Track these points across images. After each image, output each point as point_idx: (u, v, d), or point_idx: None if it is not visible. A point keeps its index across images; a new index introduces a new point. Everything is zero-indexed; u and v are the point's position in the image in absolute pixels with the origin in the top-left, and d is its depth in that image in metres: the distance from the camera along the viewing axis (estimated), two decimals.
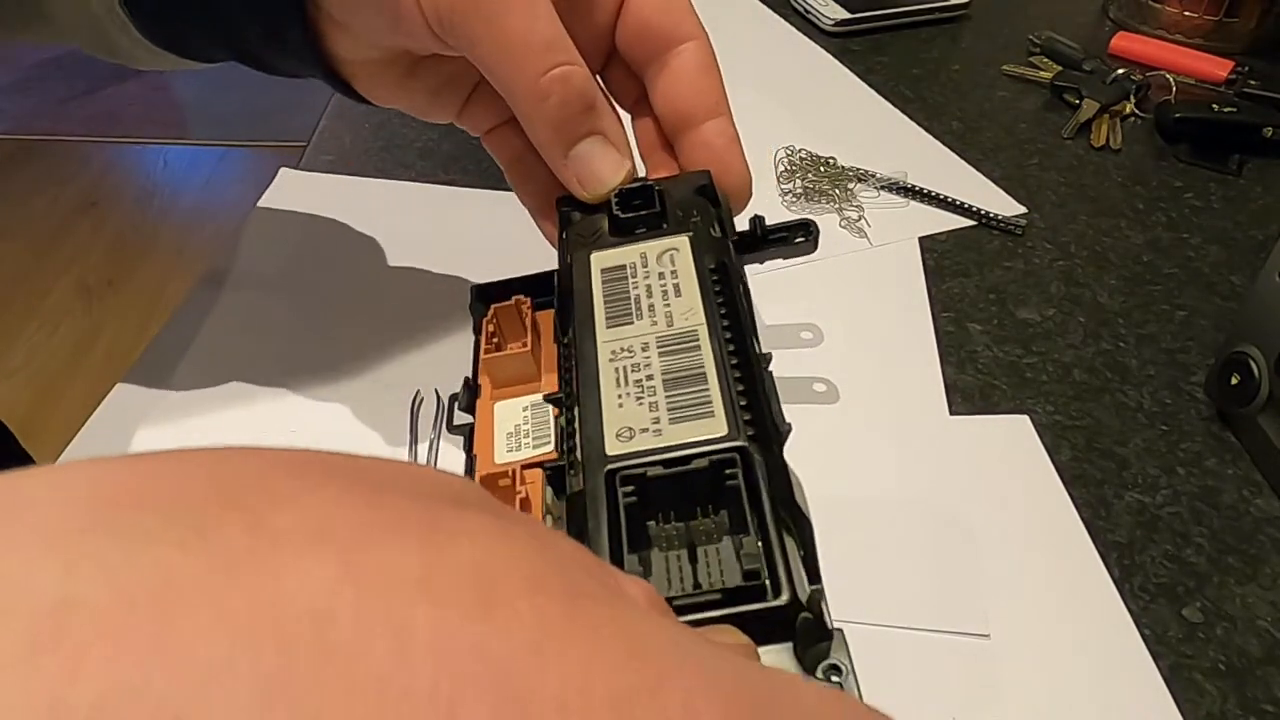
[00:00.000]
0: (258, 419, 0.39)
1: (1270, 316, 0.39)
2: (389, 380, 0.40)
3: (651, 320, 0.25)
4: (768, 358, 0.25)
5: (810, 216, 0.35)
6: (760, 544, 0.20)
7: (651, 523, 0.21)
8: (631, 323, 0.25)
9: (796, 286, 0.46)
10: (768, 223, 0.33)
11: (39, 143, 2.14)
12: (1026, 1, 0.76)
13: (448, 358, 0.41)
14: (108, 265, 1.84)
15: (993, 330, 0.45)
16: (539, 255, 0.47)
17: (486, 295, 0.35)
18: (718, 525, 0.21)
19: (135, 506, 0.11)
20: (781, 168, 0.54)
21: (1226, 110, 0.58)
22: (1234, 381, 0.40)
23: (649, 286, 0.26)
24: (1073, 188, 0.55)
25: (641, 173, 0.33)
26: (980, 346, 0.45)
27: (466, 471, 0.31)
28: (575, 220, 0.30)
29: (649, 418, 0.23)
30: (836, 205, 0.52)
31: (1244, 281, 0.49)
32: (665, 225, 0.29)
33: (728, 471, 0.21)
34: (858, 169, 0.54)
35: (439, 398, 0.39)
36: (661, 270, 0.27)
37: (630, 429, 0.22)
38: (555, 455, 0.28)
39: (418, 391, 0.39)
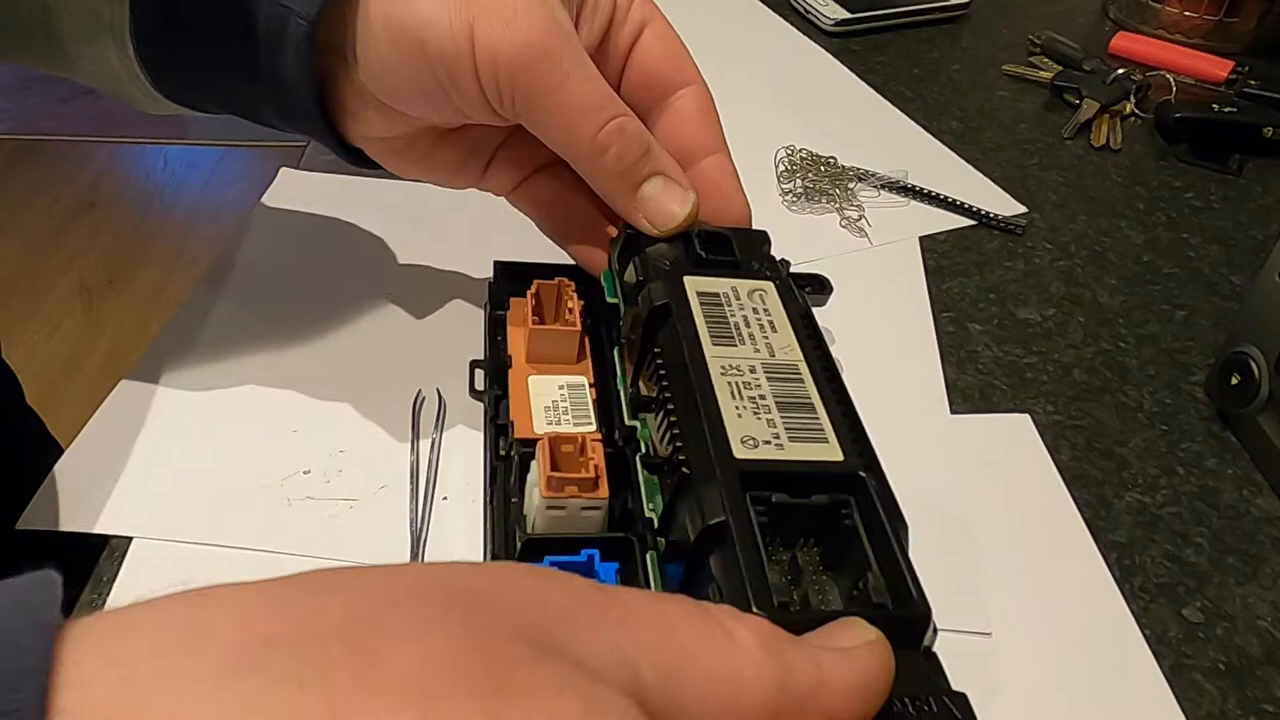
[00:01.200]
0: (258, 419, 0.39)
1: (1270, 316, 0.39)
2: (390, 380, 0.40)
3: (754, 348, 0.27)
4: None
5: (824, 274, 0.39)
6: (888, 568, 0.22)
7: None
8: (735, 345, 0.27)
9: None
10: (791, 270, 0.36)
11: (39, 143, 2.14)
12: (1026, 1, 0.76)
13: (449, 357, 0.41)
14: (108, 265, 1.84)
15: (993, 330, 0.46)
16: (538, 255, 0.47)
17: (512, 273, 0.36)
18: (823, 557, 0.23)
19: (273, 646, 0.14)
20: (782, 168, 0.54)
21: (1226, 110, 0.58)
22: (1234, 381, 0.40)
23: (745, 317, 0.28)
24: (1073, 188, 0.55)
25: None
26: (980, 346, 0.45)
27: (495, 437, 0.32)
28: (648, 246, 0.32)
29: (769, 432, 0.24)
30: (837, 205, 0.52)
31: (1244, 281, 0.49)
32: (741, 269, 0.31)
33: (843, 512, 0.23)
34: (858, 169, 0.54)
35: (440, 397, 0.39)
36: (755, 306, 0.29)
37: (753, 438, 0.24)
38: (599, 435, 0.30)
39: (419, 390, 0.39)
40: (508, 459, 0.31)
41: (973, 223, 0.52)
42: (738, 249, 0.32)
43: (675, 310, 0.28)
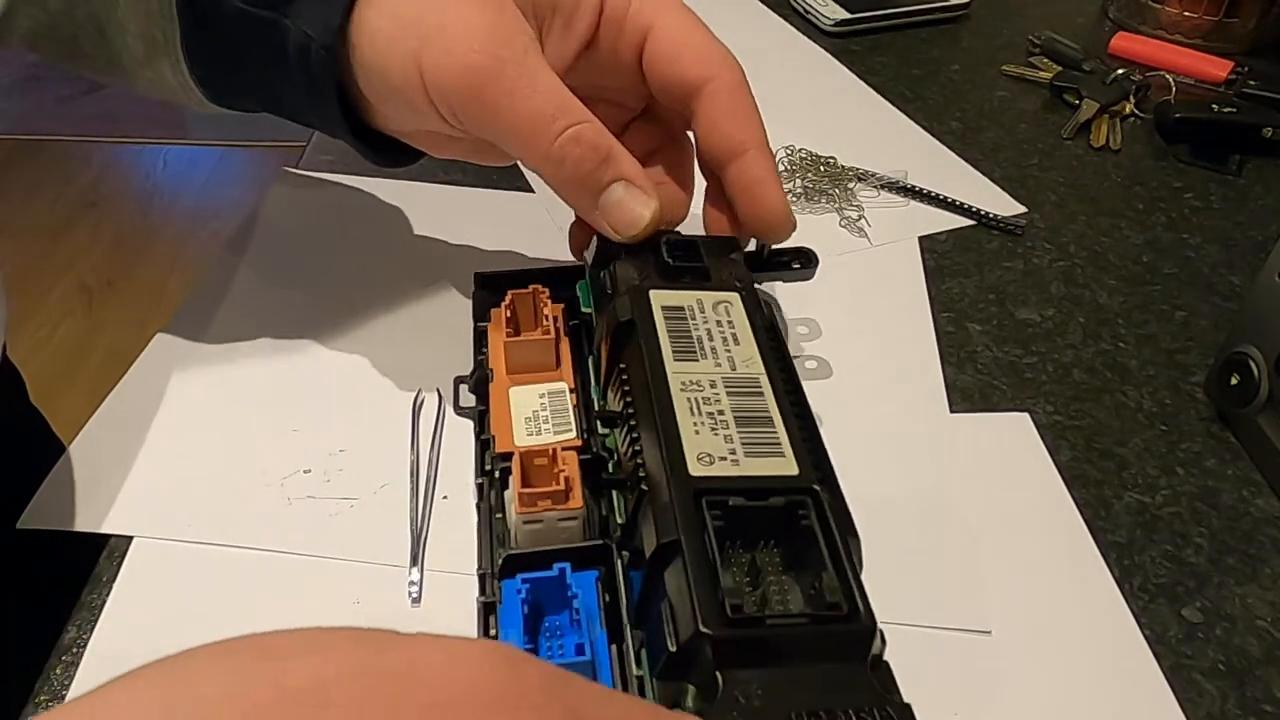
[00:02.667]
0: (258, 418, 0.39)
1: (1270, 316, 0.39)
2: (389, 380, 0.40)
3: (715, 362, 0.27)
4: None
5: (809, 247, 0.38)
6: (837, 578, 0.22)
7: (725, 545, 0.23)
8: (697, 360, 0.27)
9: (797, 286, 0.46)
10: (773, 247, 0.36)
11: (39, 143, 2.14)
12: (1026, 1, 0.76)
13: (448, 357, 0.41)
14: (108, 265, 1.84)
15: (993, 330, 0.46)
16: (538, 255, 0.47)
17: (491, 284, 0.36)
18: (782, 558, 0.24)
19: None
20: (782, 167, 0.54)
21: (1226, 110, 0.58)
22: (1234, 381, 0.40)
23: (709, 330, 0.28)
24: (1073, 188, 0.55)
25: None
26: (980, 346, 0.45)
27: (481, 452, 0.32)
28: (619, 259, 0.32)
29: (725, 448, 0.25)
30: (836, 205, 0.52)
31: (1244, 281, 0.49)
32: (709, 280, 0.31)
33: (800, 512, 0.23)
34: (858, 169, 0.54)
35: (440, 397, 0.39)
36: (719, 318, 0.29)
37: (709, 454, 0.24)
38: (579, 442, 0.30)
39: (419, 390, 0.39)
40: (490, 474, 0.32)
41: (972, 223, 0.52)
42: (705, 256, 0.32)
43: (640, 326, 0.28)
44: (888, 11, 0.70)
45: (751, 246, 0.36)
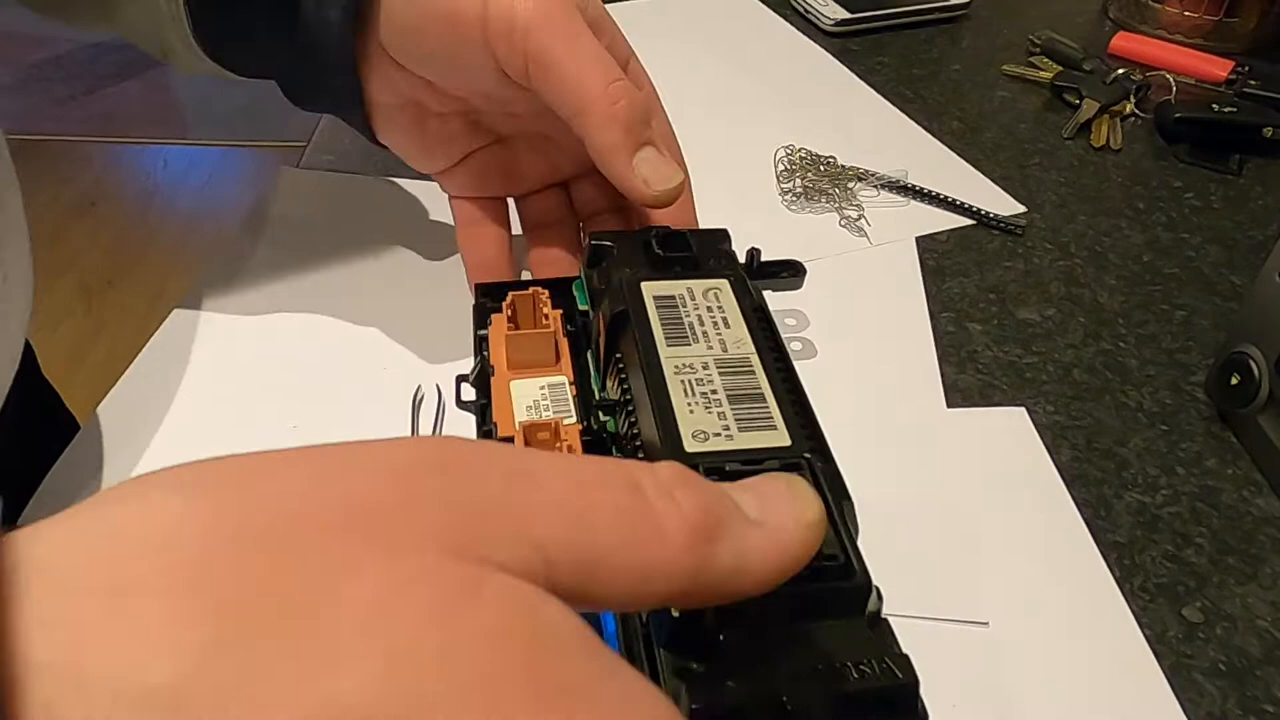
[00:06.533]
0: (258, 417, 0.39)
1: (1270, 316, 0.39)
2: (389, 378, 0.40)
3: (707, 345, 0.28)
4: None
5: (797, 259, 0.39)
6: (833, 537, 0.22)
7: None
8: (689, 344, 0.28)
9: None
10: (763, 258, 0.37)
11: (39, 143, 2.14)
12: (1026, 1, 0.76)
13: (447, 355, 0.41)
14: (108, 265, 1.84)
15: (993, 330, 0.45)
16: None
17: (492, 293, 0.37)
18: None
19: (209, 598, 0.14)
20: (781, 167, 0.54)
21: (1226, 110, 0.58)
22: (1234, 381, 0.40)
23: (699, 316, 0.29)
24: (1073, 188, 0.55)
25: None
26: (980, 346, 0.45)
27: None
28: (611, 256, 0.33)
29: (719, 424, 0.25)
30: (836, 205, 0.52)
31: (1244, 281, 0.49)
32: (699, 269, 0.32)
33: (799, 473, 0.23)
34: (858, 168, 0.54)
35: (439, 394, 0.39)
36: (709, 305, 0.30)
37: (704, 432, 0.25)
38: (579, 426, 0.31)
39: (419, 388, 0.39)
40: None
41: (972, 223, 0.52)
42: (696, 247, 0.33)
43: (633, 316, 0.29)
44: (888, 11, 0.70)
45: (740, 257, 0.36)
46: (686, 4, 0.72)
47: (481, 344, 0.36)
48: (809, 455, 0.24)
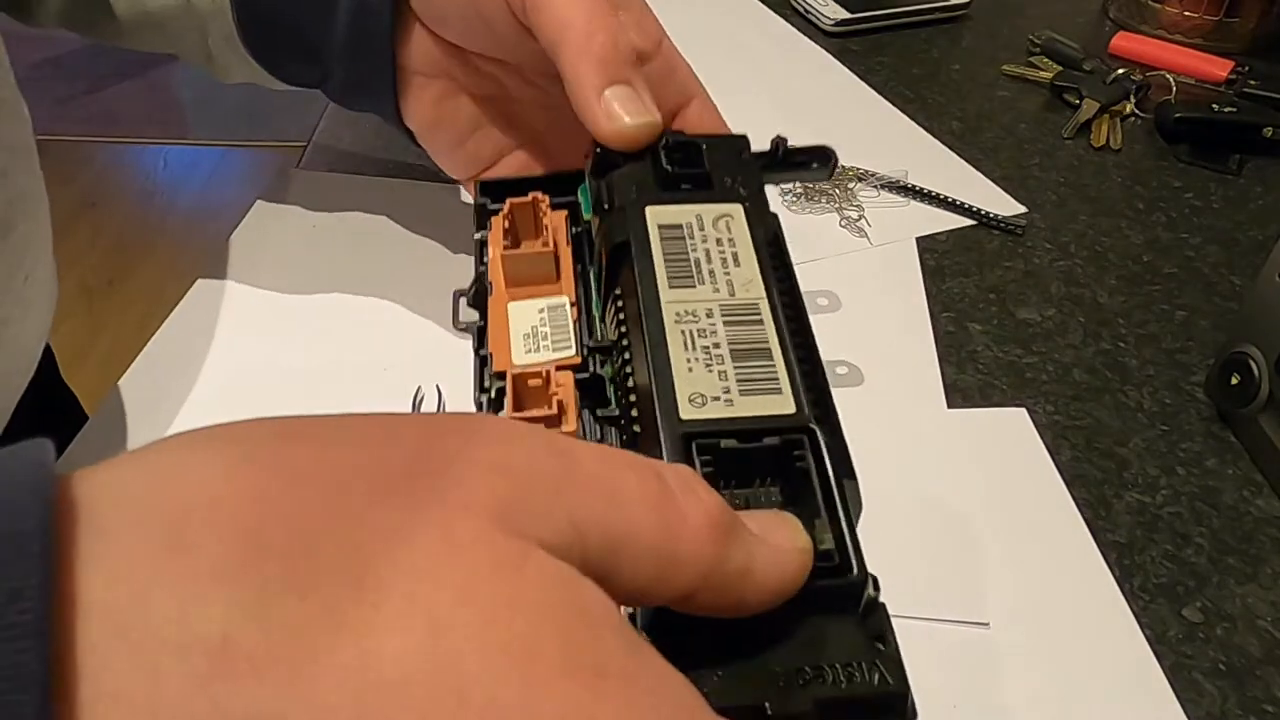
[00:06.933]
0: (258, 416, 0.39)
1: (1270, 316, 0.39)
2: (389, 378, 0.40)
3: (714, 287, 0.26)
4: None
5: (827, 145, 0.37)
6: (830, 525, 0.21)
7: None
8: (694, 286, 0.26)
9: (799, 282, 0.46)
10: (790, 145, 0.34)
11: (39, 143, 2.14)
12: (1026, 1, 0.76)
13: (447, 355, 0.41)
14: (108, 265, 1.84)
15: (993, 330, 0.45)
16: None
17: (492, 191, 0.34)
18: (779, 497, 0.23)
19: (261, 548, 0.14)
20: None
21: (1226, 110, 0.58)
22: (1234, 381, 0.40)
23: (707, 251, 0.27)
24: (1073, 188, 0.55)
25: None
26: (980, 346, 0.45)
27: (480, 369, 0.31)
28: (615, 169, 0.30)
29: (719, 386, 0.23)
30: (836, 205, 0.52)
31: (1244, 281, 0.49)
32: (713, 187, 0.29)
33: (796, 453, 0.22)
34: (858, 169, 0.54)
35: (439, 394, 0.39)
36: (719, 236, 0.27)
37: (702, 395, 0.23)
38: (577, 360, 0.29)
39: (419, 387, 0.39)
40: (488, 393, 0.30)
41: (973, 223, 0.52)
42: (708, 160, 0.30)
43: (635, 249, 0.27)
44: (888, 11, 0.70)
45: (765, 145, 0.34)
46: (686, 4, 0.72)
47: (481, 251, 0.34)
48: (814, 426, 0.23)
